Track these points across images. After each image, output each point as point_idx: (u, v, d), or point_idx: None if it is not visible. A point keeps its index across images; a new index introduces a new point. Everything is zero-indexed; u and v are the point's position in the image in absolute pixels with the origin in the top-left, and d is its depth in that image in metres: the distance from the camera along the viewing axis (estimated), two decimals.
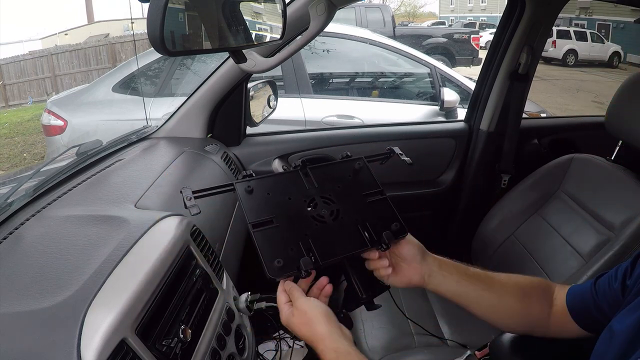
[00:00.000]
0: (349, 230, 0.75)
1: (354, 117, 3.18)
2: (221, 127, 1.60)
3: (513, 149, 1.79)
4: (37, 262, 0.74)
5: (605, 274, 0.79)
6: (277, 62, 1.14)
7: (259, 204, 0.74)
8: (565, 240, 1.31)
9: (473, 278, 0.82)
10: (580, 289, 0.81)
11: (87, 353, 0.57)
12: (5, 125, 7.61)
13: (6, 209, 0.92)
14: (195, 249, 0.86)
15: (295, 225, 0.73)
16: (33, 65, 10.29)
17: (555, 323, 0.83)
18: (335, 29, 3.52)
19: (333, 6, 1.07)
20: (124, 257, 0.74)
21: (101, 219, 0.87)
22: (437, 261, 0.81)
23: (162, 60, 3.41)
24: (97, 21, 16.13)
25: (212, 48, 0.85)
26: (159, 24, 0.65)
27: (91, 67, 10.14)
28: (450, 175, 1.86)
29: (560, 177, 1.41)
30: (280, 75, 3.22)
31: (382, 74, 4.13)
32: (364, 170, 0.83)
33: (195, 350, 0.72)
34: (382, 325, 1.32)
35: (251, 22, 0.95)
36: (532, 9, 1.57)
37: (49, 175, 1.09)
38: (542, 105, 4.14)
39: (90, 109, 3.38)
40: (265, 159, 1.67)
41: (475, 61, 9.11)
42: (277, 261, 0.68)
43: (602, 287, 0.77)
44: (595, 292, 0.78)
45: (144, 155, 1.35)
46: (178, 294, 0.75)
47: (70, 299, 0.65)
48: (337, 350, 0.62)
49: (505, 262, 1.45)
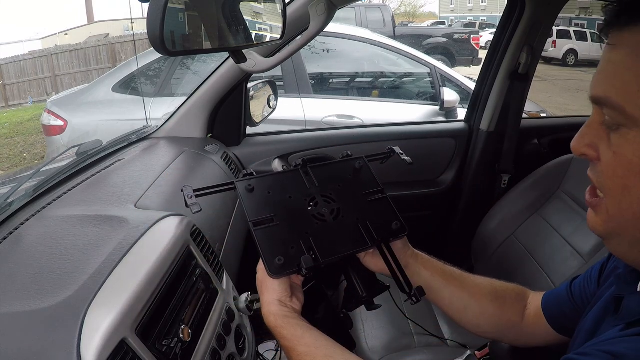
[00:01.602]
0: (349, 229, 0.75)
1: (354, 117, 3.18)
2: (221, 127, 1.60)
3: (513, 149, 1.79)
4: (37, 262, 0.74)
5: (580, 276, 0.78)
6: (277, 62, 1.14)
7: (260, 203, 0.74)
8: (565, 240, 1.31)
9: (447, 275, 0.82)
10: (555, 292, 0.81)
11: (87, 353, 0.57)
12: (5, 125, 7.62)
13: (6, 209, 0.92)
14: (195, 249, 0.86)
15: (295, 223, 0.73)
16: (33, 65, 10.30)
17: (527, 327, 0.83)
18: (335, 29, 3.53)
19: (333, 6, 1.07)
20: (124, 257, 0.74)
21: (101, 219, 0.87)
22: (414, 255, 0.82)
23: (162, 60, 3.41)
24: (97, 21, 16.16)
25: (212, 48, 0.85)
26: (159, 24, 0.65)
27: (91, 67, 10.15)
28: (450, 175, 1.86)
29: (560, 177, 1.41)
30: (280, 75, 3.22)
31: (382, 74, 4.13)
32: (364, 169, 0.83)
33: (195, 350, 0.72)
34: (382, 325, 1.32)
35: (251, 22, 0.95)
36: (532, 9, 1.58)
37: (49, 175, 1.09)
38: (542, 105, 4.14)
39: (90, 109, 3.38)
40: (265, 159, 1.67)
41: (475, 61, 9.12)
42: (278, 259, 0.68)
43: (577, 288, 0.77)
44: (570, 294, 0.78)
45: (144, 155, 1.35)
46: (178, 294, 0.75)
47: (70, 299, 0.64)
48: (275, 314, 0.69)
49: (505, 262, 1.45)
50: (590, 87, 0.52)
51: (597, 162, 0.52)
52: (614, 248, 0.56)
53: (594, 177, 0.53)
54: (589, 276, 0.76)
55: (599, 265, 0.74)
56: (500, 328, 0.84)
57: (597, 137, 0.52)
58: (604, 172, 0.51)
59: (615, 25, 0.49)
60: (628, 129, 0.48)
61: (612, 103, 0.49)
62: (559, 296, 0.80)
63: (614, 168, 0.50)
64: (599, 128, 0.52)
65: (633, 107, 0.47)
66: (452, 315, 0.85)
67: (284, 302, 0.70)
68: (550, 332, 0.80)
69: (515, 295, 0.85)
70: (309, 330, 0.67)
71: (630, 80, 0.47)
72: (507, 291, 0.85)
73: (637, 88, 0.47)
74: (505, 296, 0.84)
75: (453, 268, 0.85)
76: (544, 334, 0.81)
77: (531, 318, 0.83)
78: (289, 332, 0.67)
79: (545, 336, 0.81)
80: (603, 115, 0.51)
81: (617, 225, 0.52)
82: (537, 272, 1.32)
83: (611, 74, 0.49)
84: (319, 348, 0.64)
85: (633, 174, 0.48)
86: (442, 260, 0.85)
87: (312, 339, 0.65)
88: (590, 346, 0.51)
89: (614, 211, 0.51)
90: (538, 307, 0.82)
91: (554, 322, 0.80)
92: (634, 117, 0.47)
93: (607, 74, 0.50)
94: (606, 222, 0.53)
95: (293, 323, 0.67)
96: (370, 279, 0.79)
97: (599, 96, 0.50)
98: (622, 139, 0.49)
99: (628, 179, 0.49)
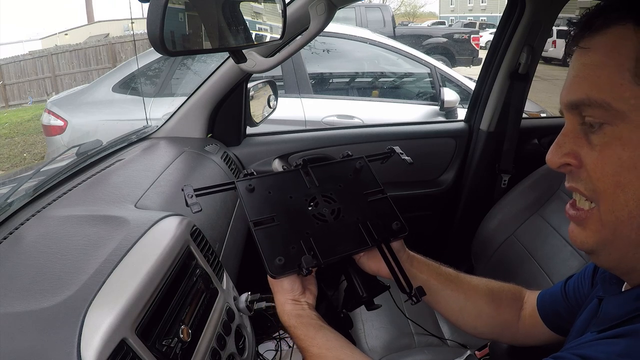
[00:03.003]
0: (349, 229, 0.75)
1: (354, 117, 3.18)
2: (221, 127, 1.60)
3: (513, 149, 1.79)
4: (37, 262, 0.74)
5: (574, 275, 0.78)
6: (277, 62, 1.14)
7: (260, 203, 0.74)
8: (565, 240, 1.30)
9: (442, 277, 0.82)
10: (550, 291, 0.81)
11: (87, 353, 0.57)
12: (5, 125, 7.62)
13: (6, 209, 0.92)
14: (195, 249, 0.86)
15: (296, 223, 0.73)
16: (33, 65, 10.31)
17: (523, 327, 0.83)
18: (335, 29, 3.53)
19: (333, 6, 1.07)
20: (124, 257, 0.74)
21: (101, 219, 0.87)
22: (410, 258, 0.82)
23: (162, 60, 3.41)
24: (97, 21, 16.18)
25: (212, 48, 0.85)
26: (159, 24, 0.65)
27: (91, 67, 10.16)
28: (450, 175, 1.86)
29: (561, 177, 1.40)
30: (280, 75, 3.22)
31: (382, 74, 4.13)
32: (364, 169, 0.83)
33: (195, 350, 0.72)
34: (382, 325, 1.32)
35: (251, 22, 0.95)
36: (532, 9, 1.57)
37: (49, 175, 1.09)
38: (542, 105, 4.13)
39: (90, 109, 3.38)
40: (265, 159, 1.67)
41: (475, 61, 9.12)
42: (279, 259, 0.68)
43: (571, 288, 0.77)
44: (565, 293, 0.77)
45: (144, 155, 1.35)
46: (178, 294, 0.75)
47: (70, 299, 0.64)
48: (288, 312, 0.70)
49: (505, 262, 1.45)
50: (563, 95, 0.53)
51: (579, 169, 0.52)
52: (604, 260, 0.54)
53: (580, 187, 0.52)
54: (583, 276, 0.75)
55: (593, 265, 0.74)
56: (497, 328, 0.84)
57: (576, 144, 0.52)
58: (592, 175, 0.50)
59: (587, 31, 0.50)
60: (612, 125, 0.48)
61: (595, 101, 0.49)
62: (553, 296, 0.80)
63: (602, 167, 0.49)
64: (576, 135, 0.52)
65: (618, 101, 0.47)
66: (448, 316, 0.85)
67: (297, 299, 0.70)
68: (547, 331, 0.80)
69: (512, 295, 0.85)
70: (321, 329, 0.67)
71: (611, 75, 0.48)
72: (503, 291, 0.85)
73: (620, 82, 0.47)
74: (502, 297, 0.84)
75: (449, 269, 0.85)
76: (540, 334, 0.81)
77: (527, 318, 0.83)
78: (302, 332, 0.67)
79: (542, 336, 0.81)
80: (580, 120, 0.51)
81: (611, 231, 0.51)
82: (537, 272, 1.32)
83: (589, 75, 0.50)
84: (330, 349, 0.64)
85: (625, 169, 0.48)
86: (438, 262, 0.85)
87: (324, 339, 0.65)
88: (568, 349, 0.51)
89: (608, 216, 0.50)
90: (534, 306, 0.82)
91: (549, 322, 0.80)
92: (621, 111, 0.47)
93: (584, 76, 0.51)
94: (598, 232, 0.52)
95: (306, 322, 0.68)
96: (370, 279, 0.79)
97: (579, 98, 0.50)
98: (606, 137, 0.49)
99: (620, 175, 0.48)
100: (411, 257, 0.82)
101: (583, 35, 0.51)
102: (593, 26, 0.50)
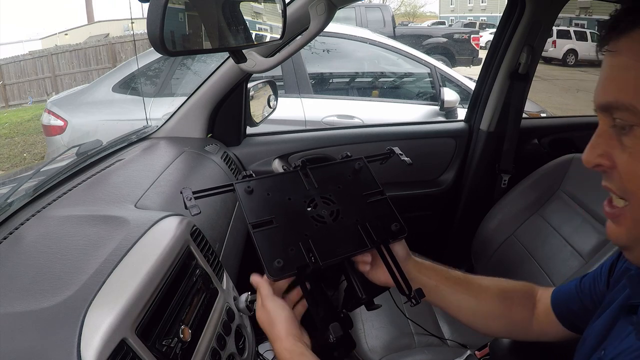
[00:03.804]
0: (349, 230, 0.75)
1: (354, 117, 3.18)
2: (221, 127, 1.60)
3: (513, 149, 1.79)
4: (37, 262, 0.74)
5: (590, 273, 0.78)
6: (277, 62, 1.14)
7: (259, 204, 0.73)
8: (565, 240, 1.31)
9: (452, 281, 0.82)
10: (565, 289, 0.81)
11: (87, 353, 0.57)
12: (5, 125, 7.62)
13: (6, 209, 0.92)
14: (195, 249, 0.86)
15: (295, 225, 0.73)
16: (33, 65, 10.31)
17: (537, 325, 0.83)
18: (335, 29, 3.53)
19: (333, 6, 1.07)
20: (124, 257, 0.74)
21: (101, 219, 0.87)
22: (417, 266, 0.81)
23: (162, 60, 3.41)
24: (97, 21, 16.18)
25: (212, 48, 0.85)
26: (159, 24, 0.65)
27: (91, 67, 10.16)
28: (450, 175, 1.87)
29: (560, 177, 1.41)
30: (280, 75, 3.22)
31: (382, 74, 4.13)
32: (364, 170, 0.83)
33: (195, 350, 0.72)
34: (382, 325, 1.32)
35: (251, 22, 0.95)
36: (532, 9, 1.58)
37: (49, 175, 1.09)
38: (542, 105, 4.14)
39: (90, 109, 3.38)
40: (265, 159, 1.67)
41: (475, 61, 9.12)
42: (277, 261, 0.67)
43: (587, 285, 0.77)
44: (580, 290, 0.77)
45: (144, 155, 1.35)
46: (178, 294, 0.75)
47: (70, 299, 0.64)
48: (291, 351, 0.66)
49: (505, 262, 1.45)
50: (595, 97, 0.53)
51: (613, 169, 0.52)
52: (637, 255, 0.55)
53: (612, 186, 0.53)
54: (599, 274, 0.75)
55: (609, 263, 0.74)
56: (511, 327, 0.84)
57: (609, 146, 0.52)
58: (623, 176, 0.51)
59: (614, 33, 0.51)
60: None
61: (623, 105, 0.49)
62: (568, 294, 0.80)
63: (633, 169, 0.50)
64: (609, 136, 0.52)
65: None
66: (461, 319, 0.84)
67: (297, 337, 0.68)
68: (562, 329, 0.80)
69: (523, 294, 0.85)
70: None
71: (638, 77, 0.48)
72: (514, 290, 0.84)
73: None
74: (513, 296, 0.83)
75: (457, 272, 0.84)
76: (554, 331, 0.81)
77: (541, 316, 0.83)
78: None
79: (556, 333, 0.81)
80: (612, 122, 0.51)
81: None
82: (537, 272, 1.32)
83: (617, 77, 0.51)
84: None
85: None
86: (445, 265, 0.85)
87: None
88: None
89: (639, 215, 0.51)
90: (547, 304, 0.82)
91: (563, 320, 0.79)
92: None
93: (612, 79, 0.51)
94: (631, 230, 0.53)
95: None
96: (369, 279, 0.79)
97: (609, 101, 0.51)
98: (636, 139, 0.49)
99: None
100: (419, 265, 0.81)
101: (610, 37, 0.51)
102: (618, 28, 0.50)
